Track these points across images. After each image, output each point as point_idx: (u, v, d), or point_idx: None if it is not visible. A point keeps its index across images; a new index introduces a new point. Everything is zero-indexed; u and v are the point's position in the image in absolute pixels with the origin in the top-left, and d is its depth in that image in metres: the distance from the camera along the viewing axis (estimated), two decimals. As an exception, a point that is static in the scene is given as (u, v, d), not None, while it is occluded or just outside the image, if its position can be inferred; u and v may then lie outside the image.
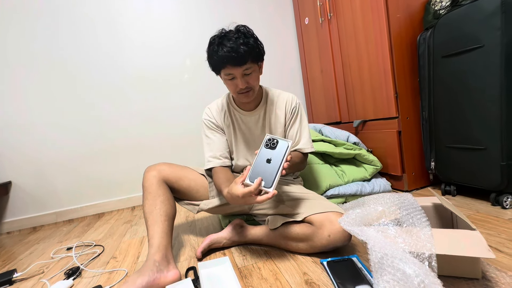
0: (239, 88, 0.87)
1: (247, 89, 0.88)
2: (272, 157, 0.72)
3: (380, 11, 1.26)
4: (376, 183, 1.33)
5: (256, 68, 0.88)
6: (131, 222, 1.51)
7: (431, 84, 1.17)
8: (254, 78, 0.89)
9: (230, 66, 0.83)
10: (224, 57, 0.81)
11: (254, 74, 0.88)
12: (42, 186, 1.74)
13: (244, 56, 0.81)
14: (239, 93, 0.89)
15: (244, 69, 0.84)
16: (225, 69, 0.84)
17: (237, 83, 0.86)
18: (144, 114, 1.86)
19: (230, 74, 0.85)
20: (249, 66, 0.84)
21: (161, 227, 0.82)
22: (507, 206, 0.98)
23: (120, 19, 1.80)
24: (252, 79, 0.88)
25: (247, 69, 0.84)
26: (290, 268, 0.78)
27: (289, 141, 0.74)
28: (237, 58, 0.80)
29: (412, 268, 0.49)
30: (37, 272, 1.03)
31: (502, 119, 0.94)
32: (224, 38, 0.82)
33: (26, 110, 1.69)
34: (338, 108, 1.72)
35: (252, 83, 0.88)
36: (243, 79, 0.86)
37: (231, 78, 0.87)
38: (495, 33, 0.92)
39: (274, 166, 0.71)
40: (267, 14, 2.07)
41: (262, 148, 0.74)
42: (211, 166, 0.98)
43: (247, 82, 0.87)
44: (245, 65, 0.83)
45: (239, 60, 0.81)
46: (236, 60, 0.81)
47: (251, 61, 0.84)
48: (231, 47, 0.80)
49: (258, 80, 0.91)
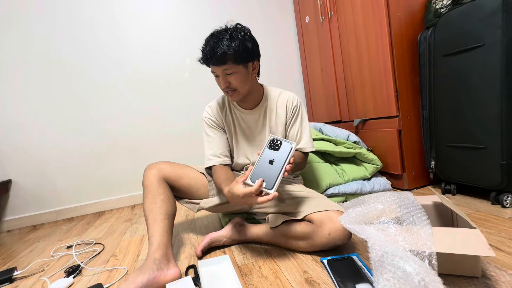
0: (221, 87, 0.90)
1: (229, 89, 0.89)
2: (275, 158, 0.72)
3: (381, 9, 1.26)
4: (376, 182, 1.33)
5: (240, 69, 0.86)
6: (131, 221, 1.51)
7: (431, 83, 1.17)
8: (238, 79, 0.87)
9: (212, 64, 0.85)
10: (206, 54, 0.83)
11: (237, 75, 0.86)
12: (42, 185, 1.74)
13: (222, 56, 0.82)
14: (223, 91, 0.92)
15: (223, 69, 0.85)
16: (210, 66, 0.87)
17: (219, 81, 0.89)
18: (144, 113, 1.86)
19: (213, 72, 0.89)
20: (230, 67, 0.84)
21: (161, 225, 0.82)
22: (507, 205, 0.98)
23: (120, 18, 1.79)
24: (234, 80, 0.86)
25: (226, 69, 0.85)
26: (290, 266, 0.78)
27: (293, 143, 0.73)
28: (214, 57, 0.82)
29: (412, 266, 0.49)
30: (37, 270, 1.03)
31: (503, 118, 0.94)
32: (212, 36, 0.85)
33: (26, 108, 1.69)
34: (339, 107, 1.72)
35: (234, 84, 0.87)
36: (224, 78, 0.87)
37: (216, 75, 0.90)
38: (496, 32, 0.92)
39: (277, 168, 0.70)
40: (267, 12, 2.07)
41: (265, 148, 0.74)
42: (211, 164, 0.98)
43: (229, 82, 0.87)
44: (224, 65, 0.83)
45: (216, 59, 0.82)
46: (214, 59, 0.83)
47: (233, 62, 0.83)
48: (211, 46, 0.82)
49: (244, 81, 0.89)
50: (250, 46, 0.86)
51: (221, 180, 0.88)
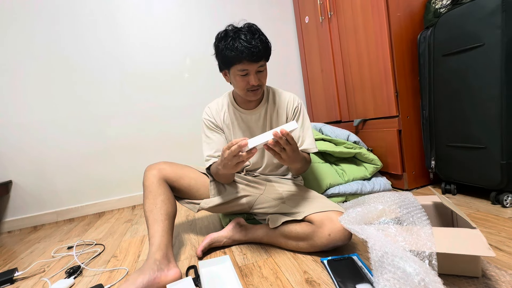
0: (251, 85, 0.86)
1: (258, 86, 0.88)
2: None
3: (381, 9, 1.26)
4: (377, 182, 1.33)
5: (266, 66, 0.89)
6: (132, 221, 1.52)
7: (431, 83, 1.17)
8: (265, 76, 0.90)
9: (247, 61, 0.82)
10: (242, 51, 0.80)
11: (265, 72, 0.89)
12: (43, 185, 1.74)
13: (261, 52, 0.81)
14: (248, 90, 0.88)
15: (259, 66, 0.84)
16: (240, 64, 0.83)
17: (250, 80, 0.85)
18: (145, 113, 1.86)
19: (244, 70, 0.84)
20: (263, 64, 0.86)
21: (161, 226, 0.82)
22: (507, 205, 0.98)
23: (120, 17, 1.80)
24: (263, 77, 0.89)
25: (261, 66, 0.85)
26: (291, 266, 0.78)
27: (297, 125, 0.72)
28: (255, 53, 0.80)
29: (412, 266, 0.49)
30: (38, 271, 1.03)
31: (502, 118, 0.94)
32: (240, 32, 0.82)
33: (26, 109, 1.69)
34: (339, 107, 1.72)
35: (262, 80, 0.89)
36: (256, 75, 0.86)
37: (245, 74, 0.85)
38: (495, 31, 0.92)
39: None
40: (267, 12, 2.07)
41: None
42: (211, 163, 0.98)
43: (259, 79, 0.87)
44: (261, 61, 0.84)
45: (256, 55, 0.81)
46: (254, 55, 0.80)
47: (265, 59, 0.86)
48: (249, 42, 0.80)
49: (266, 78, 0.92)
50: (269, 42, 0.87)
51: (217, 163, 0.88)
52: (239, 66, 0.84)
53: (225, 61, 0.86)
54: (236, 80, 0.88)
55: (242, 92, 0.91)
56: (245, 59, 0.81)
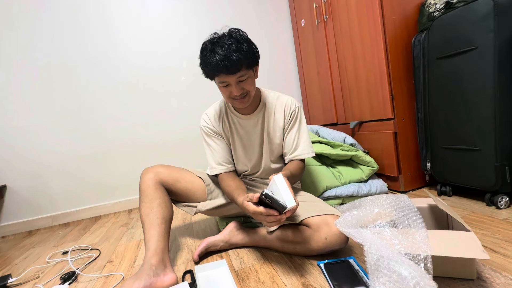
0: (234, 95, 0.85)
1: (242, 95, 0.86)
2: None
3: (376, 13, 1.27)
4: (373, 184, 1.33)
5: (251, 73, 0.85)
6: (128, 225, 1.50)
7: (426, 85, 1.19)
8: (249, 84, 0.86)
9: (224, 74, 0.81)
10: (217, 66, 0.78)
11: (249, 79, 0.85)
12: (38, 190, 1.72)
13: (237, 64, 0.78)
14: (233, 99, 0.88)
15: (238, 77, 0.82)
16: (218, 77, 0.82)
17: (232, 90, 0.84)
18: (141, 116, 1.85)
19: (224, 82, 0.84)
20: (244, 73, 0.82)
21: (157, 230, 0.82)
22: (501, 206, 0.98)
23: (116, 20, 1.79)
24: (247, 85, 0.85)
25: (241, 76, 0.82)
26: (287, 270, 0.78)
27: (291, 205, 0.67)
28: (230, 67, 0.78)
29: (407, 270, 0.49)
30: (32, 277, 1.01)
31: (496, 120, 0.95)
32: (217, 44, 0.79)
33: (22, 112, 1.68)
34: (335, 110, 1.73)
35: (247, 88, 0.86)
36: (237, 86, 0.83)
37: (226, 85, 0.85)
38: (488, 35, 0.94)
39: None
40: (263, 15, 2.08)
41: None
42: (216, 173, 0.99)
43: (242, 88, 0.85)
44: (239, 72, 0.80)
45: (232, 68, 0.78)
46: (229, 69, 0.78)
47: (245, 68, 0.81)
48: (223, 55, 0.77)
49: (254, 84, 0.89)
50: (254, 48, 0.85)
51: (231, 189, 0.88)
52: (218, 79, 0.84)
53: (206, 74, 0.86)
54: (221, 90, 0.89)
55: (228, 101, 0.91)
56: (222, 72, 0.80)
